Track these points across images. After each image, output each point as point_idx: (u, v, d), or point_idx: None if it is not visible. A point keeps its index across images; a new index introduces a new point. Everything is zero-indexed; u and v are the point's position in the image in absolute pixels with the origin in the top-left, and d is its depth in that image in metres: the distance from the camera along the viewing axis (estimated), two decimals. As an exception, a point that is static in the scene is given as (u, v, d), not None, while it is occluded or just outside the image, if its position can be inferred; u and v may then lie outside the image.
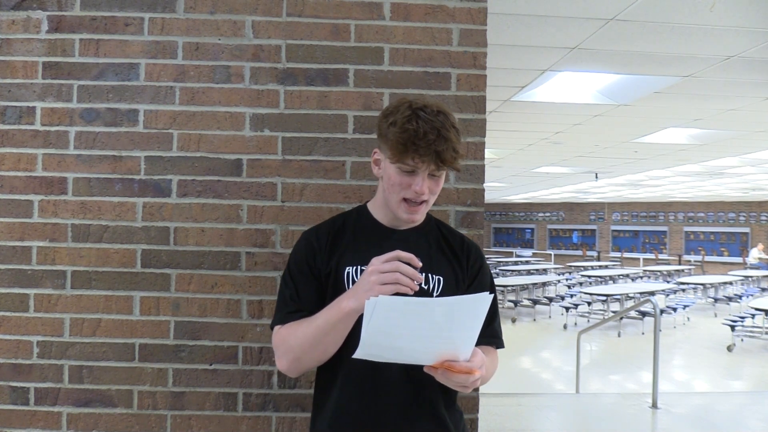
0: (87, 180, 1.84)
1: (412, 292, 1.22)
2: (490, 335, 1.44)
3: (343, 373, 1.37)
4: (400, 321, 1.15)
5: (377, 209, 1.48)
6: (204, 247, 1.83)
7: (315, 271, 1.41)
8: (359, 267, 1.37)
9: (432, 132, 1.28)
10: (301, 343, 1.33)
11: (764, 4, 3.40)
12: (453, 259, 1.47)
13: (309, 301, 1.38)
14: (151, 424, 1.81)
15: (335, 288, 1.38)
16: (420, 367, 1.24)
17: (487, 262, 1.56)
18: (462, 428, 1.48)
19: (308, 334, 1.32)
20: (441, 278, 1.42)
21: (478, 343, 1.26)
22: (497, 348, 1.49)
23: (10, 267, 1.83)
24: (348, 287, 1.36)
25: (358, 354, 1.18)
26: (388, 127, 1.33)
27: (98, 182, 1.84)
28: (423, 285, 1.39)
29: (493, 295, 1.21)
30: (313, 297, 1.39)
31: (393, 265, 1.22)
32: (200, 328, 1.82)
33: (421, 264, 1.25)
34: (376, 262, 1.25)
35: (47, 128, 1.84)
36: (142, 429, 1.81)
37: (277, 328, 1.40)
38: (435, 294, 1.40)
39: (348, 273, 1.39)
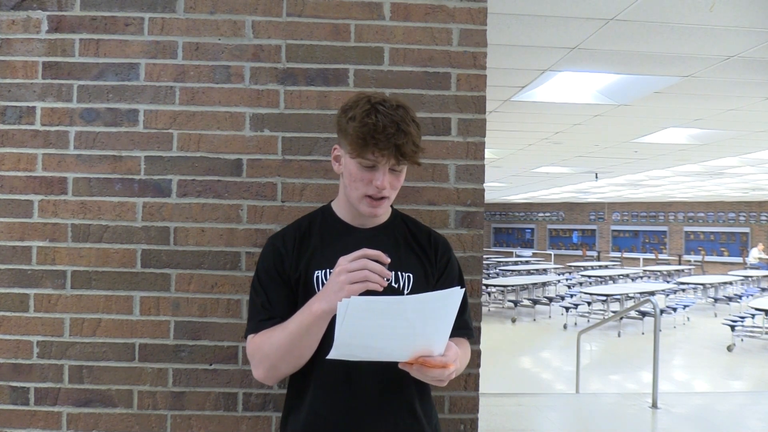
0: (87, 180, 1.84)
1: (381, 289, 1.22)
2: (461, 326, 1.43)
3: (317, 374, 1.37)
4: (373, 320, 1.15)
5: (341, 208, 1.47)
6: (204, 247, 1.83)
7: (284, 276, 1.40)
8: (328, 270, 1.36)
9: (391, 126, 1.27)
10: (276, 350, 1.32)
11: (764, 4, 3.40)
12: (421, 254, 1.47)
13: (281, 308, 1.37)
14: (151, 424, 1.81)
15: (306, 292, 1.37)
16: (394, 363, 1.24)
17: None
18: (435, 423, 1.48)
19: (282, 340, 1.31)
20: (410, 275, 1.42)
21: (450, 335, 1.27)
22: (468, 339, 1.49)
23: (10, 267, 1.83)
24: (318, 290, 1.35)
25: (333, 354, 1.18)
26: (347, 121, 1.32)
27: (98, 182, 1.84)
28: (393, 283, 1.39)
29: (464, 289, 1.22)
30: (284, 303, 1.38)
31: (361, 263, 1.21)
32: (200, 328, 1.82)
33: (389, 260, 1.24)
34: (344, 262, 1.24)
35: (47, 128, 1.84)
36: (142, 429, 1.81)
37: (250, 337, 1.39)
38: (406, 291, 1.40)
39: (317, 276, 1.39)
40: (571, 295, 13.98)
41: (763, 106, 5.87)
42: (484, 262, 5.93)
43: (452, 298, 1.19)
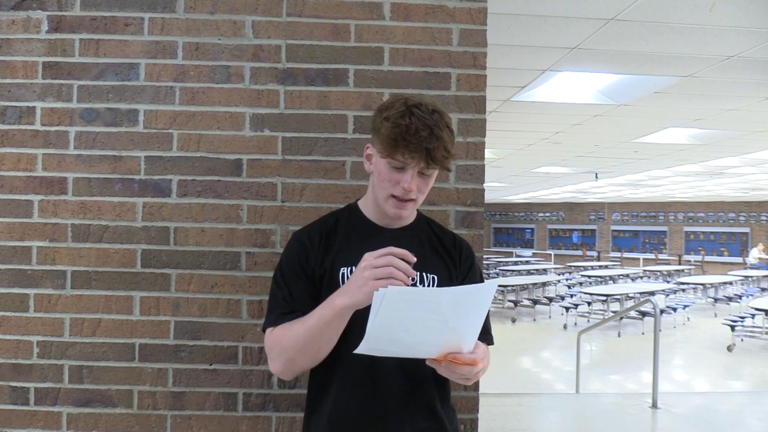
0: (87, 180, 1.84)
1: None
2: (483, 332, 1.43)
3: (340, 373, 1.37)
4: (407, 312, 1.14)
5: (368, 207, 1.48)
6: (204, 247, 1.83)
7: (308, 271, 1.40)
8: (353, 267, 1.36)
9: (424, 129, 1.28)
10: (294, 343, 1.32)
11: (764, 4, 3.40)
12: (446, 256, 1.48)
13: (302, 302, 1.37)
14: (151, 424, 1.81)
15: (330, 289, 1.36)
16: (416, 364, 1.24)
17: (484, 261, 1.57)
18: (455, 425, 1.48)
19: (301, 333, 1.30)
20: (435, 276, 1.43)
21: None
22: (488, 345, 1.49)
23: (10, 267, 1.83)
24: None
25: (361, 349, 1.17)
26: (381, 121, 1.33)
27: (98, 182, 1.84)
28: (418, 284, 1.39)
29: (497, 284, 1.22)
30: (306, 298, 1.38)
31: (386, 259, 1.22)
32: (200, 328, 1.82)
33: (415, 259, 1.24)
34: (369, 258, 1.24)
35: (47, 128, 1.84)
36: (142, 429, 1.81)
37: (269, 330, 1.39)
38: None
39: (343, 273, 1.39)
40: (571, 295, 13.97)
41: (763, 106, 5.87)
42: (484, 262, 5.93)
43: (485, 291, 1.19)
